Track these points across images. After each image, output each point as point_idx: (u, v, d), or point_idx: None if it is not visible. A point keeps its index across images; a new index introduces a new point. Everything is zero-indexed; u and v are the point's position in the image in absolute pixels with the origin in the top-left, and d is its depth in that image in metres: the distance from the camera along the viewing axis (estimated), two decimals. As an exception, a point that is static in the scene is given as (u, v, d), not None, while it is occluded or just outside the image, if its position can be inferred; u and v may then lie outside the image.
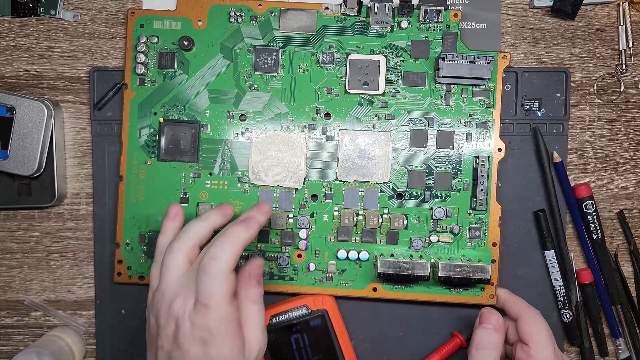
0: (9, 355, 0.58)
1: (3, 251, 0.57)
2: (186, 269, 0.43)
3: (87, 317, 0.57)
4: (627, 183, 0.57)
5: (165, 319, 0.42)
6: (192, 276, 0.42)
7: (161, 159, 0.55)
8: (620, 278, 0.57)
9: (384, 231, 0.54)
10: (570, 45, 0.56)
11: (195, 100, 0.55)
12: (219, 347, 0.40)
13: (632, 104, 0.57)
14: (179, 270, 0.43)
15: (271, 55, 0.54)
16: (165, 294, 0.42)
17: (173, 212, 0.47)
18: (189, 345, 0.40)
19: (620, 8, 0.56)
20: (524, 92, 0.56)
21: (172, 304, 0.41)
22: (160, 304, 0.42)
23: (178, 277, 0.43)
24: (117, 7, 0.56)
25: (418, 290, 0.54)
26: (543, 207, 0.56)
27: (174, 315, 0.41)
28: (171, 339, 0.41)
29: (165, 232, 0.46)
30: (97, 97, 0.56)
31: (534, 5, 0.56)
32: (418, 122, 0.54)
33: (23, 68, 0.57)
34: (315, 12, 0.54)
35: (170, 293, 0.42)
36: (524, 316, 0.50)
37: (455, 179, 0.54)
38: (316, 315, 0.54)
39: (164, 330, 0.42)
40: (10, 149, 0.53)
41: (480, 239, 0.54)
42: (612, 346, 0.57)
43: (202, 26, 0.54)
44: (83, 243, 0.57)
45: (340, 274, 0.54)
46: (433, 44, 0.54)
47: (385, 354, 0.56)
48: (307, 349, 0.53)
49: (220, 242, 0.42)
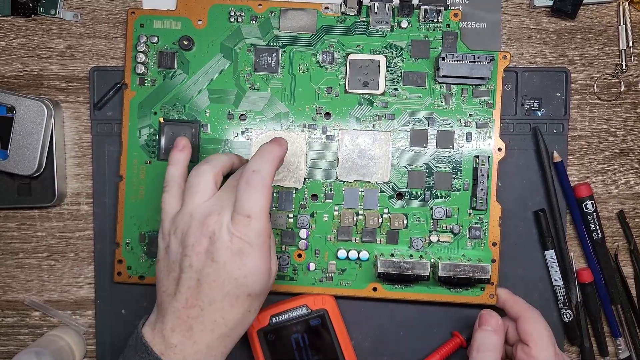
0: (9, 355, 0.58)
1: (3, 251, 0.57)
2: (213, 191, 0.44)
3: (87, 317, 0.57)
4: (627, 183, 0.57)
5: (197, 237, 0.42)
6: (226, 194, 0.44)
7: (161, 159, 0.55)
8: (620, 278, 0.57)
9: (384, 231, 0.54)
10: (571, 45, 0.56)
11: (195, 100, 0.55)
12: (255, 259, 0.42)
13: (632, 104, 0.57)
14: (208, 191, 0.44)
15: (271, 55, 0.54)
16: (196, 214, 0.43)
17: (182, 143, 0.48)
18: (227, 257, 0.41)
19: (620, 8, 0.56)
20: (524, 91, 0.56)
21: (205, 221, 0.42)
22: (189, 224, 0.43)
23: (208, 197, 0.44)
24: (117, 6, 0.56)
25: (418, 290, 0.54)
26: (543, 206, 0.56)
27: (209, 231, 0.42)
28: (203, 256, 0.42)
29: (175, 163, 0.47)
30: (97, 96, 0.56)
31: (534, 5, 0.56)
32: (418, 121, 0.54)
33: (23, 68, 0.57)
34: (315, 11, 0.54)
35: (202, 211, 0.43)
36: (524, 316, 0.50)
37: (455, 179, 0.54)
38: (316, 315, 0.54)
39: (194, 249, 0.42)
40: (10, 148, 0.53)
41: (480, 238, 0.54)
42: (612, 346, 0.57)
43: (202, 26, 0.54)
44: (83, 243, 0.57)
45: (340, 273, 0.54)
46: (433, 43, 0.54)
47: (385, 354, 0.56)
48: (307, 349, 0.53)
49: (259, 157, 0.44)
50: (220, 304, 0.42)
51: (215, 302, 0.42)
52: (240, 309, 0.43)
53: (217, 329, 0.42)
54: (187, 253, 0.42)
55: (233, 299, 0.42)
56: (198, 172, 0.45)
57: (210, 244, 0.42)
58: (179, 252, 0.43)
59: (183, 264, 0.43)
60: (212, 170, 0.45)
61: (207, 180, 0.45)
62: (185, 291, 0.42)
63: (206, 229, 0.42)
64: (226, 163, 0.47)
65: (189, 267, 0.42)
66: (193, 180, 0.45)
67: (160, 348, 0.42)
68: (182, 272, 0.43)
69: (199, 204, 0.44)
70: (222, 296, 0.42)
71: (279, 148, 0.45)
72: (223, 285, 0.42)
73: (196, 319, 0.42)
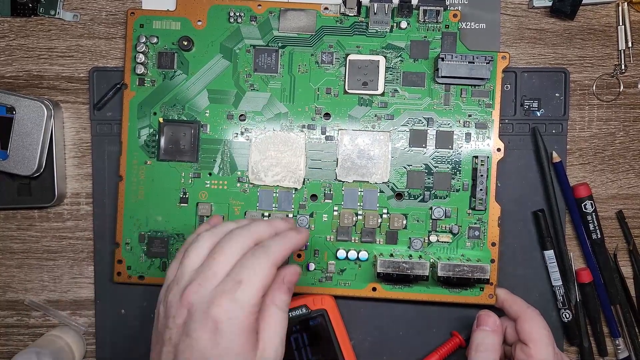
0: (9, 355, 0.58)
1: (3, 251, 0.57)
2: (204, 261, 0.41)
3: (87, 316, 0.57)
4: (626, 183, 0.57)
5: (176, 307, 0.39)
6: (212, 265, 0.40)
7: (161, 159, 0.55)
8: (620, 278, 0.57)
9: (383, 231, 0.54)
10: (570, 45, 0.57)
11: (194, 100, 0.55)
12: (231, 338, 0.38)
13: (631, 104, 0.57)
14: (201, 259, 0.41)
15: (271, 55, 0.54)
16: (181, 281, 0.40)
17: (214, 221, 0.47)
18: (200, 332, 0.38)
19: (619, 8, 0.56)
20: (523, 92, 0.56)
21: (186, 290, 0.39)
22: (174, 293, 0.40)
23: (197, 265, 0.41)
24: (116, 7, 0.57)
25: (417, 290, 0.54)
26: (542, 207, 0.56)
27: (188, 302, 0.39)
28: (181, 329, 0.39)
29: (196, 233, 0.45)
30: (96, 97, 0.56)
31: (533, 6, 0.56)
32: (417, 122, 0.54)
33: (23, 68, 0.57)
34: (314, 12, 0.54)
35: (186, 279, 0.40)
36: (523, 316, 0.50)
37: (454, 179, 0.54)
38: (316, 315, 0.54)
39: (175, 321, 0.39)
40: (10, 149, 0.53)
41: (479, 238, 0.54)
42: (611, 346, 0.57)
43: (201, 26, 0.54)
44: (83, 243, 0.57)
45: (340, 273, 0.54)
46: (432, 44, 0.54)
47: (385, 354, 0.57)
48: (306, 349, 0.53)
49: (275, 239, 0.41)
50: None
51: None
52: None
53: None
54: (169, 325, 0.40)
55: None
56: (197, 235, 0.42)
57: (188, 316, 0.39)
58: (163, 323, 0.40)
59: (164, 336, 0.40)
60: (212, 237, 0.42)
61: (203, 246, 0.41)
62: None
63: (185, 299, 0.39)
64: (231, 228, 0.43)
65: (169, 340, 0.39)
66: (188, 242, 0.43)
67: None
68: (163, 345, 0.40)
69: (187, 271, 0.41)
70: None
71: (301, 238, 0.43)
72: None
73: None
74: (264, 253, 0.40)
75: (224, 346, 0.38)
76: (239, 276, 0.39)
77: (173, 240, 0.55)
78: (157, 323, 0.42)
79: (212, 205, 0.54)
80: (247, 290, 0.39)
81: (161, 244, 0.55)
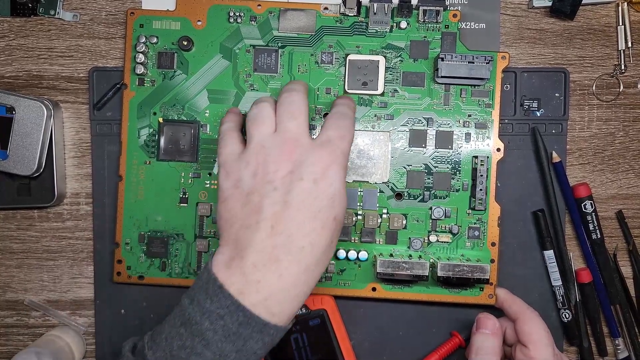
0: (8, 355, 0.58)
1: (3, 251, 0.57)
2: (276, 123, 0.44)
3: (87, 317, 0.57)
4: (626, 183, 0.57)
5: (277, 163, 0.42)
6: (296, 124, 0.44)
7: (161, 159, 0.55)
8: (619, 278, 0.57)
9: (383, 231, 0.54)
10: (569, 45, 0.57)
11: (194, 100, 0.55)
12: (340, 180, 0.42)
13: (631, 104, 0.57)
14: (273, 123, 0.44)
15: (270, 55, 0.54)
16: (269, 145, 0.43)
17: (235, 110, 0.51)
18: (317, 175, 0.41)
19: (619, 8, 0.56)
20: (523, 92, 0.56)
21: (283, 148, 0.42)
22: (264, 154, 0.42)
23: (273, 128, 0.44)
24: (116, 7, 0.57)
25: (417, 290, 0.54)
26: (542, 207, 0.56)
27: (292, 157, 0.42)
28: (288, 178, 0.41)
29: (228, 121, 0.48)
30: (96, 97, 0.56)
31: (533, 6, 0.56)
32: (417, 122, 0.54)
33: (22, 68, 0.57)
34: (314, 12, 0.54)
35: (275, 141, 0.43)
36: (523, 317, 0.50)
37: (454, 179, 0.54)
38: (315, 315, 0.54)
39: (277, 174, 0.41)
40: (9, 149, 0.53)
41: (479, 238, 0.54)
42: (611, 346, 0.57)
43: (201, 26, 0.54)
44: (82, 243, 0.57)
45: (340, 273, 0.54)
46: (432, 44, 0.54)
47: (385, 354, 0.57)
48: (306, 349, 0.53)
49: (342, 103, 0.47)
50: (310, 226, 0.40)
51: (303, 225, 0.40)
52: (327, 235, 0.41)
53: (303, 259, 0.40)
54: (270, 179, 0.41)
55: (321, 223, 0.41)
56: (258, 106, 0.45)
57: (295, 166, 0.41)
58: (255, 182, 0.42)
59: (264, 190, 0.41)
60: (272, 103, 0.45)
61: (270, 113, 0.44)
62: (271, 217, 0.40)
63: (288, 154, 0.42)
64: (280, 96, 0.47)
65: (273, 191, 0.41)
66: (255, 112, 0.44)
67: (240, 287, 0.39)
68: (264, 197, 0.41)
69: (267, 135, 0.43)
70: (311, 219, 0.40)
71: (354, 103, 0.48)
72: (312, 206, 0.40)
73: (283, 247, 0.40)
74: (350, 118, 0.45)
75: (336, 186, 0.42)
76: (339, 132, 0.43)
77: (173, 240, 0.55)
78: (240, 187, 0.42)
79: (212, 205, 0.54)
80: (347, 143, 0.43)
81: (161, 244, 0.55)
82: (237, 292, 0.39)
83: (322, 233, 0.41)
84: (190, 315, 0.40)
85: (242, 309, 0.39)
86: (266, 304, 0.40)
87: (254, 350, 0.40)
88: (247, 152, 0.43)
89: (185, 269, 0.55)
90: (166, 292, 0.55)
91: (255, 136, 0.44)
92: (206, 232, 0.55)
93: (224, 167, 0.44)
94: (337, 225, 0.42)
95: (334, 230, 0.42)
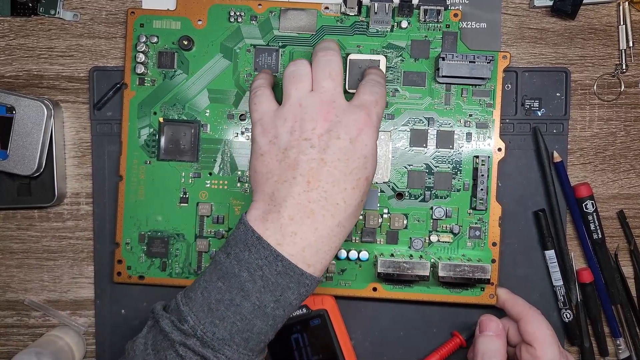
0: (8, 355, 0.58)
1: (3, 251, 0.57)
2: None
3: (87, 317, 0.57)
4: (627, 183, 0.57)
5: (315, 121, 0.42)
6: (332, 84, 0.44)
7: (161, 159, 0.55)
8: (621, 278, 0.56)
9: (383, 231, 0.54)
10: (571, 45, 0.56)
11: (195, 100, 0.55)
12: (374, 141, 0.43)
13: (632, 104, 0.57)
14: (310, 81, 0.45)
15: (271, 55, 0.54)
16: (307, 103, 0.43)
17: (267, 70, 0.51)
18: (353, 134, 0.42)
19: (620, 8, 0.56)
20: (524, 91, 0.56)
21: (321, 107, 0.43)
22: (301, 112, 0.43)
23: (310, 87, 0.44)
24: (116, 6, 0.56)
25: (418, 290, 0.54)
26: (543, 206, 0.56)
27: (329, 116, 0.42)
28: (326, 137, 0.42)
29: (260, 78, 0.48)
30: (96, 96, 0.56)
31: (534, 5, 0.56)
32: (418, 121, 0.54)
33: (23, 68, 0.57)
34: (315, 11, 0.54)
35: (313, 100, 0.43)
36: (526, 317, 0.50)
37: (455, 179, 0.54)
38: (316, 315, 0.54)
39: (315, 132, 0.42)
40: (10, 148, 0.53)
41: (480, 238, 0.54)
42: (612, 346, 0.57)
43: (201, 26, 0.54)
44: (83, 243, 0.57)
45: (340, 273, 0.54)
46: (433, 43, 0.54)
47: (385, 354, 0.56)
48: (307, 349, 0.53)
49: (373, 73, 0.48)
50: (344, 184, 0.42)
51: (338, 183, 0.42)
52: (359, 193, 0.42)
53: (337, 214, 0.42)
54: (307, 137, 0.42)
55: (354, 181, 0.42)
56: (296, 63, 0.45)
57: (332, 126, 0.42)
58: (293, 138, 0.43)
59: (301, 147, 0.42)
60: (309, 62, 0.45)
61: (308, 71, 0.45)
62: (307, 173, 0.41)
63: (325, 114, 0.43)
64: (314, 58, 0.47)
65: (310, 147, 0.42)
66: (293, 70, 0.45)
67: (277, 238, 0.41)
68: (300, 154, 0.42)
69: (304, 93, 0.44)
70: (346, 176, 0.42)
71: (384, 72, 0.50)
72: (347, 164, 0.42)
73: (318, 202, 0.41)
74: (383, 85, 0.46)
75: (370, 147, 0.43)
76: (374, 97, 0.44)
77: (173, 240, 0.55)
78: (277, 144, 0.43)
79: (212, 205, 0.54)
80: (380, 108, 0.44)
81: (161, 243, 0.55)
82: (274, 243, 0.41)
83: (355, 191, 0.42)
84: (227, 268, 0.41)
85: (281, 259, 0.40)
86: (303, 254, 0.41)
87: (289, 301, 0.41)
88: (284, 109, 0.44)
89: (185, 269, 0.55)
90: (166, 292, 0.55)
91: (293, 94, 0.44)
92: (206, 232, 0.55)
93: (261, 124, 0.44)
94: (368, 185, 0.43)
95: (364, 189, 0.43)
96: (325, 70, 0.45)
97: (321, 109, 0.43)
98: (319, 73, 0.45)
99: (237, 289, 0.40)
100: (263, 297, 0.40)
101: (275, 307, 0.41)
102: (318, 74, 0.45)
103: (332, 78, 0.44)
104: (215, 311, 0.40)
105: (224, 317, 0.40)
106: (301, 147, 0.42)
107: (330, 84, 0.44)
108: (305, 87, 0.44)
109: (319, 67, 0.45)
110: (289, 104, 0.44)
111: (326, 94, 0.44)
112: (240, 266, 0.41)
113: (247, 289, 0.40)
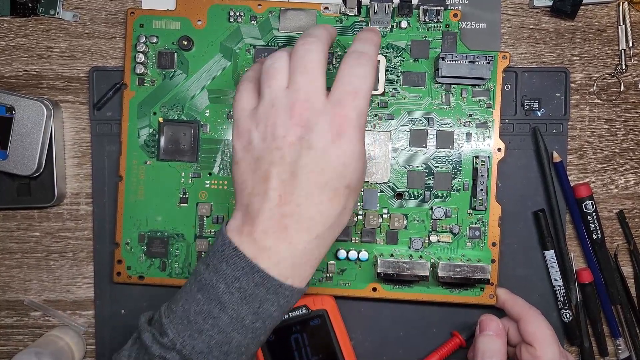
0: (8, 355, 0.58)
1: (3, 251, 0.57)
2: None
3: (87, 317, 0.57)
4: (627, 183, 0.57)
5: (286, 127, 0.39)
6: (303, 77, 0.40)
7: (161, 159, 0.55)
8: (620, 278, 0.56)
9: (383, 231, 0.54)
10: (570, 45, 0.56)
11: (194, 100, 0.55)
12: (354, 142, 0.39)
13: (631, 104, 0.57)
14: (287, 77, 0.41)
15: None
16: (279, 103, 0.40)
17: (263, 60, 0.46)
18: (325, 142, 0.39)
19: (620, 8, 0.56)
20: (523, 92, 0.56)
21: (294, 109, 0.39)
22: (273, 115, 0.39)
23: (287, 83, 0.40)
24: (116, 7, 0.56)
25: (418, 290, 0.54)
26: (543, 207, 0.56)
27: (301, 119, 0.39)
28: (297, 145, 0.39)
29: (253, 69, 0.45)
30: (96, 97, 0.56)
31: (534, 5, 0.56)
32: (418, 122, 0.54)
33: (22, 68, 0.57)
34: (314, 12, 0.54)
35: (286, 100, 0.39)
36: (526, 317, 0.50)
37: (455, 179, 0.54)
38: (316, 315, 0.54)
39: (286, 140, 0.39)
40: (9, 148, 0.53)
41: (479, 238, 0.54)
42: (612, 346, 0.57)
43: (201, 26, 0.54)
44: (82, 243, 0.57)
45: (340, 273, 0.54)
46: (433, 43, 0.54)
47: (385, 354, 0.56)
48: (306, 349, 0.53)
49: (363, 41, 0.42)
50: (318, 197, 0.39)
51: (312, 196, 0.39)
52: (338, 204, 0.39)
53: (313, 228, 0.39)
54: (278, 145, 0.39)
55: (331, 192, 0.39)
56: (273, 56, 0.41)
57: (304, 132, 0.39)
58: (265, 147, 0.39)
59: (273, 157, 0.39)
60: (287, 54, 0.41)
61: (284, 65, 0.41)
62: (279, 186, 0.39)
63: (297, 117, 0.39)
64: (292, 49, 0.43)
65: (281, 159, 0.39)
66: (269, 65, 0.41)
67: (252, 251, 0.39)
68: (271, 165, 0.39)
69: (278, 91, 0.40)
70: (320, 188, 0.39)
71: (377, 36, 0.43)
72: (321, 175, 0.39)
73: (291, 217, 0.39)
74: (368, 60, 0.41)
75: (349, 152, 0.39)
76: (352, 86, 0.39)
77: (173, 240, 0.55)
78: (250, 151, 0.40)
79: (212, 205, 0.54)
80: (361, 99, 0.39)
81: (161, 244, 0.55)
82: (251, 256, 0.39)
83: (333, 202, 0.39)
84: (206, 279, 0.40)
85: (257, 270, 0.39)
86: (279, 268, 0.39)
87: (269, 313, 0.40)
88: (258, 110, 0.41)
89: (185, 269, 0.55)
90: (166, 292, 0.55)
91: (266, 93, 0.41)
92: (206, 232, 0.55)
93: (237, 125, 0.42)
94: (352, 191, 0.40)
95: (347, 196, 0.40)
96: (300, 62, 0.40)
97: (293, 111, 0.39)
98: (293, 66, 0.40)
99: (215, 301, 0.39)
100: (240, 309, 0.39)
101: (254, 319, 0.39)
102: (292, 68, 0.40)
103: (307, 70, 0.40)
104: (194, 324, 0.39)
105: (202, 330, 0.39)
106: (272, 157, 0.39)
107: (304, 79, 0.40)
108: (279, 84, 0.40)
109: (294, 60, 0.40)
110: (262, 104, 0.41)
111: (300, 92, 0.39)
112: (218, 278, 0.39)
113: (224, 301, 0.39)
